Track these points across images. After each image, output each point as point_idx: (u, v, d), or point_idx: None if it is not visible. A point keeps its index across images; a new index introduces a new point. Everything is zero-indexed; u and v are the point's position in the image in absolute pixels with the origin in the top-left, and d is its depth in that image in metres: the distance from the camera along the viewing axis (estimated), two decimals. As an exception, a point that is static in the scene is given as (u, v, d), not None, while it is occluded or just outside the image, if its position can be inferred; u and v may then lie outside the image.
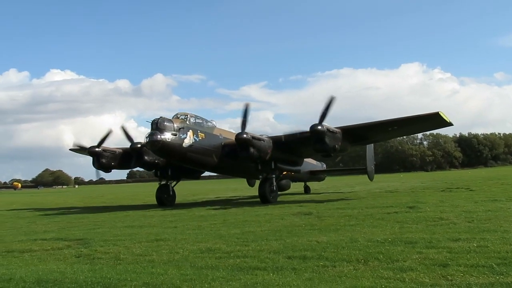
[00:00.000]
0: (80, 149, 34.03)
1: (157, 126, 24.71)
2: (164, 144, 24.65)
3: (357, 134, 26.89)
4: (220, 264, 9.20)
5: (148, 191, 63.52)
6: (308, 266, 8.69)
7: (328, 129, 24.41)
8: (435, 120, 25.13)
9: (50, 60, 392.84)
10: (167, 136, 24.69)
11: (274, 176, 27.88)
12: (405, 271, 7.94)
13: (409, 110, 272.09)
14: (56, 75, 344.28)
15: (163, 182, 31.68)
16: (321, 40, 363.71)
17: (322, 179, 44.37)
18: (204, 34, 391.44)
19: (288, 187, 37.35)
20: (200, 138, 26.69)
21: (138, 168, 40.42)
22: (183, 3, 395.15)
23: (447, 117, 24.41)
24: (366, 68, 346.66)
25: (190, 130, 26.12)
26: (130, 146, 30.11)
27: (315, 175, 39.98)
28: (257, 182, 33.10)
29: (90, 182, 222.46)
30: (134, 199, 40.99)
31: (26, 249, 12.52)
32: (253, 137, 25.64)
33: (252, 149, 25.33)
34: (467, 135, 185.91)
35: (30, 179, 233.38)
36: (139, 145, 29.39)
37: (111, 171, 31.76)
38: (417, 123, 26.54)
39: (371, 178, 40.82)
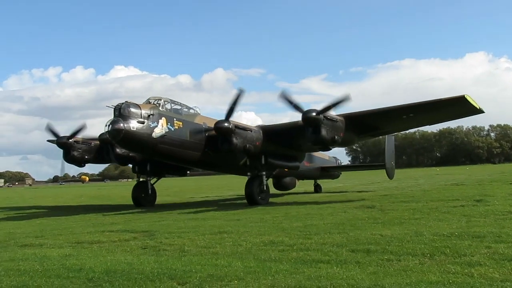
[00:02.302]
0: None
1: (120, 112, 20.51)
2: (127, 134, 20.32)
3: (365, 123, 22.32)
4: (283, 257, 9.19)
5: (211, 184, 64.39)
6: (372, 259, 8.58)
7: (325, 117, 20.26)
8: (461, 105, 20.42)
9: (115, 57, 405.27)
10: (132, 124, 20.40)
11: (264, 173, 23.63)
12: (474, 266, 7.71)
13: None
14: (120, 71, 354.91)
15: (142, 179, 27.85)
16: (381, 30, 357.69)
17: (337, 177, 38.24)
18: (263, 28, 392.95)
19: (293, 186, 32.92)
20: (177, 127, 22.25)
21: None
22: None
23: (475, 101, 19.89)
24: (428, 58, 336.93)
25: (163, 118, 21.67)
26: (99, 136, 26.31)
27: (327, 172, 34.55)
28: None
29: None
30: (198, 191, 41.53)
31: (94, 241, 12.89)
32: (237, 126, 21.65)
33: (235, 140, 21.24)
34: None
35: (97, 172, 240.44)
36: None
37: (84, 165, 28.36)
38: (438, 109, 21.50)
39: (390, 176, 33.72)
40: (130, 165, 29.22)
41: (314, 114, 20.04)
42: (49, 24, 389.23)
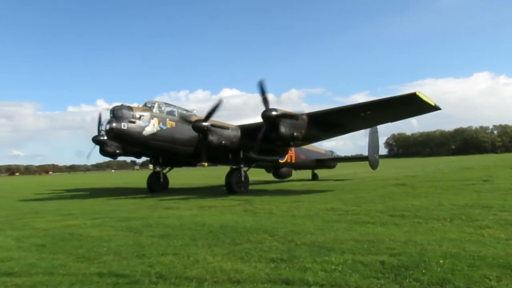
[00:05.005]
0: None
1: (113, 114, 17.68)
2: (118, 132, 17.42)
3: (328, 121, 17.27)
4: (341, 219, 9.04)
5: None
6: (406, 222, 8.26)
7: (283, 115, 15.92)
8: (415, 102, 14.95)
9: (223, 82, 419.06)
10: (123, 123, 17.44)
11: (242, 166, 19.09)
12: (484, 228, 7.25)
13: (479, 107, 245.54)
14: (226, 92, 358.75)
15: (157, 169, 23.23)
16: (409, 57, 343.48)
17: (333, 167, 30.92)
18: (325, 57, 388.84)
19: (289, 175, 27.17)
20: (169, 126, 18.68)
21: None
22: (311, 37, 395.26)
23: (428, 98, 14.64)
24: (444, 78, 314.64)
25: (155, 118, 18.28)
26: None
27: (323, 163, 28.42)
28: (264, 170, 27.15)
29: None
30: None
31: (212, 206, 13.21)
32: (214, 125, 17.64)
33: (210, 137, 17.37)
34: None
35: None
36: None
37: (117, 158, 24.42)
38: (394, 107, 15.96)
39: (373, 167, 26.58)
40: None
41: (272, 112, 15.87)
42: (179, 61, 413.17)
